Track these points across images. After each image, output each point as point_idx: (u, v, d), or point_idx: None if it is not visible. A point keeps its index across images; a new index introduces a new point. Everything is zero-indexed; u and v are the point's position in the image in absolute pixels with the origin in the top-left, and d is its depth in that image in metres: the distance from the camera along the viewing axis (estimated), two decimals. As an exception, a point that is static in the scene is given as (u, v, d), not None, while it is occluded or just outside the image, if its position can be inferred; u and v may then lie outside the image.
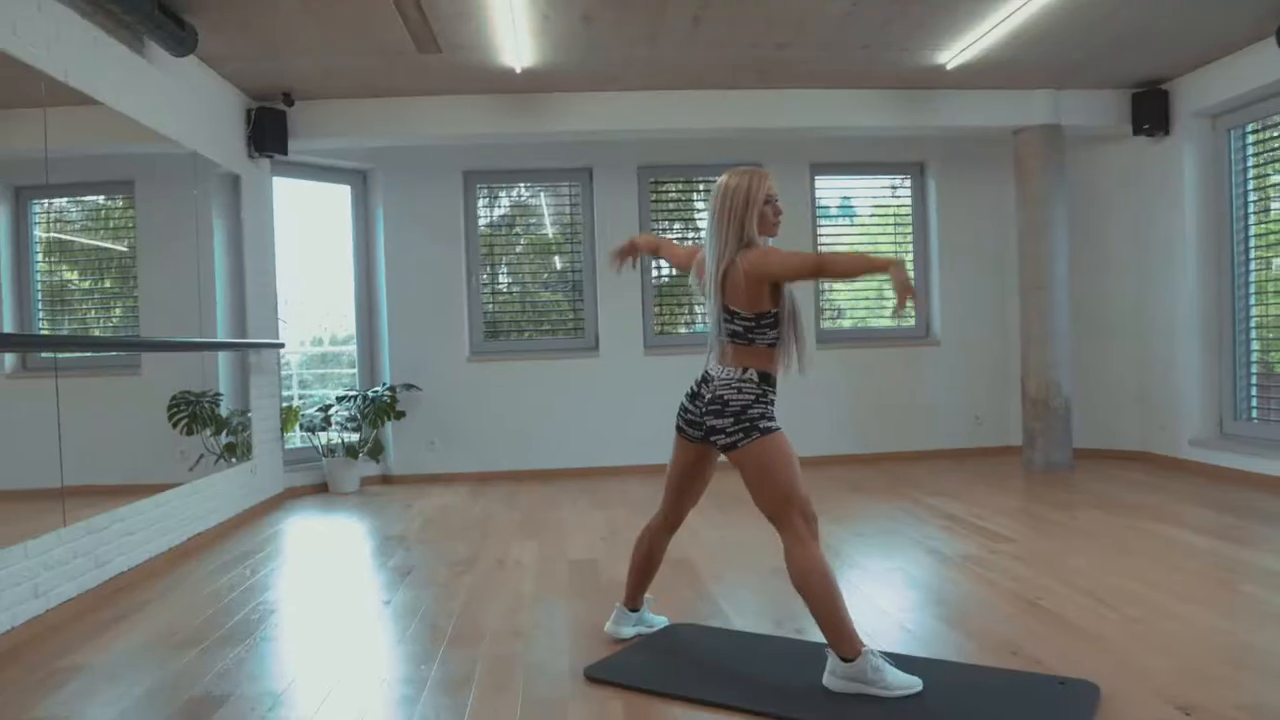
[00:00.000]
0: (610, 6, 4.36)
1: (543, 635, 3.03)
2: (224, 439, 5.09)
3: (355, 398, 6.32)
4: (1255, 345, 5.72)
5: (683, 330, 6.94)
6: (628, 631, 2.95)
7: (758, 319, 2.56)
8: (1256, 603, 3.14)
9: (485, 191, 6.82)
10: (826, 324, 7.01)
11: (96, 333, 4.03)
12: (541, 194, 6.89)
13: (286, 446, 6.12)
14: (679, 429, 2.75)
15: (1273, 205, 5.65)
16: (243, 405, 5.41)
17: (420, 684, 2.61)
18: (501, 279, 6.88)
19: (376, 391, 6.30)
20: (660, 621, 3.06)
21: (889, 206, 7.13)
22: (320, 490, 6.25)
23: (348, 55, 4.93)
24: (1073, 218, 6.29)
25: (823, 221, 6.93)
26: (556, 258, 6.90)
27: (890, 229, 7.10)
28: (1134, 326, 6.44)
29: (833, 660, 2.44)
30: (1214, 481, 5.48)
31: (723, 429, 2.57)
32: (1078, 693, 2.34)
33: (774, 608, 3.26)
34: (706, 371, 2.67)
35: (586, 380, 6.67)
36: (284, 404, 6.10)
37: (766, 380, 2.60)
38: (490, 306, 6.81)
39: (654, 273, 6.84)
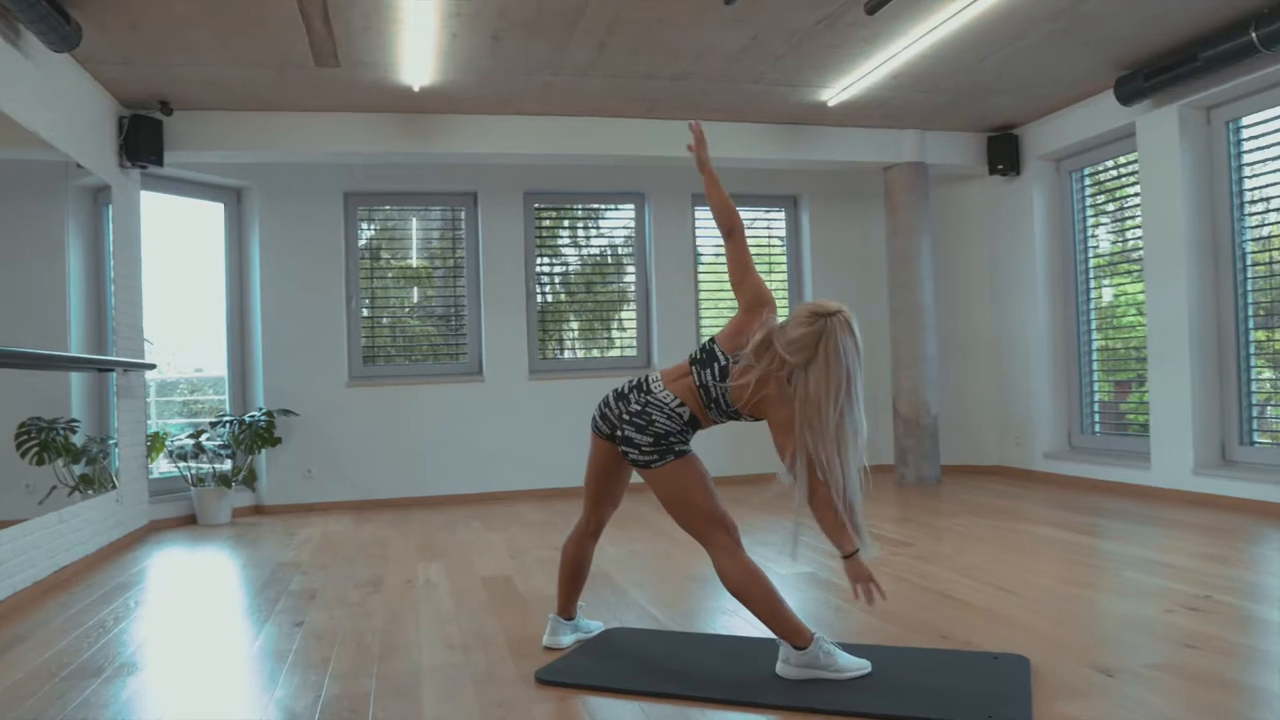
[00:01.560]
0: (521, 27, 4.40)
1: (479, 646, 2.96)
2: (79, 469, 4.69)
3: (230, 423, 5.98)
4: (1097, 366, 6.33)
5: (563, 354, 6.99)
6: (566, 640, 2.93)
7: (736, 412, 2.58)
8: (1137, 583, 3.46)
9: (366, 214, 6.66)
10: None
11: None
12: (413, 219, 6.77)
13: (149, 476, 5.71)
14: (593, 421, 2.74)
15: (1102, 243, 6.30)
16: (101, 432, 5.01)
17: (364, 697, 2.50)
18: (379, 303, 6.71)
19: (254, 416, 5.99)
20: (597, 626, 3.06)
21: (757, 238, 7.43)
22: (188, 522, 5.85)
23: (238, 65, 4.74)
24: (936, 249, 6.77)
25: (700, 252, 7.16)
26: (415, 289, 6.79)
27: (765, 259, 7.40)
28: (991, 349, 6.98)
29: (785, 650, 2.51)
30: (1066, 489, 5.99)
31: (637, 445, 2.58)
32: (1011, 665, 2.52)
33: (705, 610, 3.32)
34: (647, 380, 2.67)
35: (470, 406, 6.57)
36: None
37: (695, 425, 2.62)
38: (367, 334, 6.63)
39: (539, 297, 6.85)
